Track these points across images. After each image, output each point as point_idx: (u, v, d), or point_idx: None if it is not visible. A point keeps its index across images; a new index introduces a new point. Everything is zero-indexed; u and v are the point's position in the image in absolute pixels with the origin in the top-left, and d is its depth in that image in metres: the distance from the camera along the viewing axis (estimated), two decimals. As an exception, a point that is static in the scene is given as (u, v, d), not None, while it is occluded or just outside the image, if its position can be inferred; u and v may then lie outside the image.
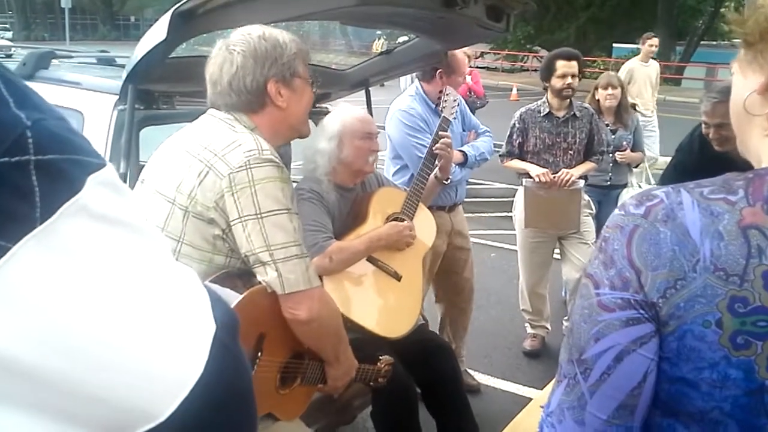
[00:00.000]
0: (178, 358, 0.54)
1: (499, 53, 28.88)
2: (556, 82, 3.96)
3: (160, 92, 2.43)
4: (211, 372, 0.55)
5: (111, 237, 0.51)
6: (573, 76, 3.95)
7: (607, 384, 0.86)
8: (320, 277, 2.00)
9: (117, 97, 2.32)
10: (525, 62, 29.72)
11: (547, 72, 4.02)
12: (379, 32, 17.46)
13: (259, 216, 1.66)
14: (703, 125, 3.24)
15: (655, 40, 8.11)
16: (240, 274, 1.75)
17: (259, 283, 1.71)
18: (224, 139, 1.73)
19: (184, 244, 1.73)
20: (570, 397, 0.89)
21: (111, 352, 0.50)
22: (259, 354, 1.77)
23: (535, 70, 28.38)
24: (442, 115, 2.99)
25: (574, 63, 3.98)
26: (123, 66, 3.20)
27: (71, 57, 3.13)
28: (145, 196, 1.81)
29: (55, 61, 2.76)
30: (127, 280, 0.52)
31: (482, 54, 26.52)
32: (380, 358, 2.35)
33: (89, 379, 0.49)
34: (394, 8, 2.16)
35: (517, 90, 19.00)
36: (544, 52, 28.72)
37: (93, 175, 0.51)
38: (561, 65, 3.96)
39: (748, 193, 0.83)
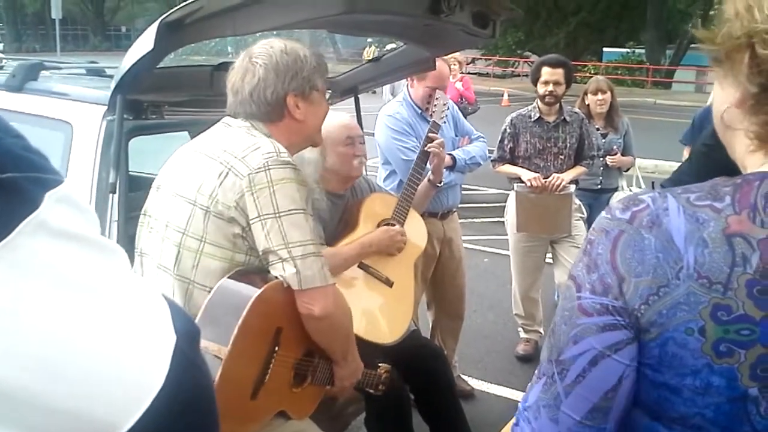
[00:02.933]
0: (138, 369, 0.55)
1: (490, 59, 28.98)
2: (540, 88, 4.03)
3: (148, 102, 2.43)
4: (173, 382, 0.56)
5: (70, 252, 0.52)
6: (556, 83, 3.98)
7: (582, 386, 0.87)
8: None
9: (106, 107, 2.32)
10: (516, 68, 29.86)
11: (534, 77, 4.09)
12: (370, 40, 17.51)
13: (277, 215, 1.72)
14: None
15: None
16: (257, 271, 1.80)
17: (276, 278, 1.76)
18: (243, 142, 1.80)
19: (206, 243, 1.78)
20: (546, 395, 0.90)
21: (71, 365, 0.50)
22: (276, 348, 1.81)
23: (526, 76, 28.53)
24: (432, 119, 3.01)
25: (560, 70, 4.02)
26: (112, 77, 3.21)
27: (60, 68, 3.12)
28: (164, 201, 1.87)
29: (44, 73, 2.76)
30: (87, 294, 0.52)
31: (473, 60, 26.56)
32: (380, 365, 2.36)
33: (49, 391, 0.49)
34: (381, 16, 2.17)
35: (509, 95, 19.08)
36: (535, 58, 28.80)
37: (51, 191, 0.51)
38: (545, 72, 4.02)
39: (735, 200, 0.83)
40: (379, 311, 2.64)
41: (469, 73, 18.39)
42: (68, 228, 0.52)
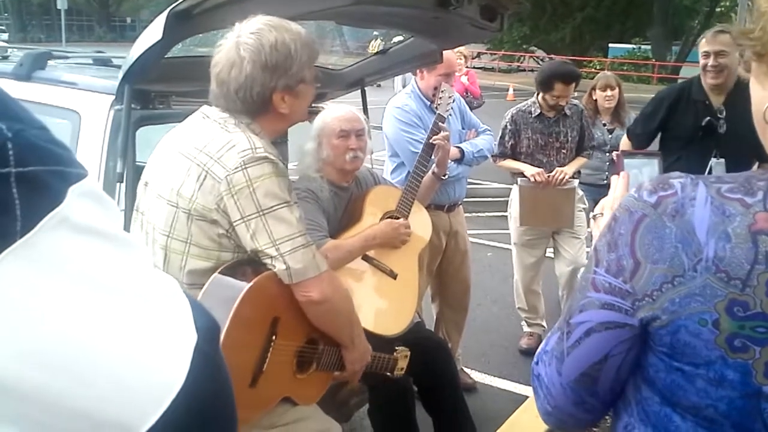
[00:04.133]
0: (159, 369, 0.54)
1: (495, 53, 28.92)
2: (550, 99, 3.96)
3: (156, 92, 2.44)
4: (193, 381, 0.55)
5: (92, 249, 0.51)
6: (566, 96, 3.95)
7: (577, 351, 0.93)
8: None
9: (113, 97, 2.33)
10: (521, 62, 29.78)
11: (544, 87, 3.96)
12: (376, 32, 17.45)
13: (261, 213, 1.71)
14: (701, 57, 3.35)
15: None
16: (249, 262, 1.81)
17: (269, 269, 1.76)
18: (218, 140, 1.76)
19: (191, 245, 1.78)
20: (558, 348, 0.96)
21: (92, 365, 0.49)
22: (274, 338, 1.82)
23: (532, 71, 28.41)
24: (438, 112, 3.01)
25: (572, 86, 3.95)
26: (119, 66, 3.21)
27: (68, 57, 3.13)
28: (150, 201, 1.87)
29: (51, 62, 2.77)
30: (108, 292, 0.51)
31: (479, 54, 26.51)
32: (396, 348, 2.38)
33: (69, 392, 0.48)
34: (389, 8, 2.17)
35: (514, 90, 19.01)
36: (540, 53, 28.81)
37: (74, 186, 0.50)
38: (559, 88, 3.90)
39: (767, 197, 0.82)
40: (383, 303, 2.65)
41: (474, 68, 18.36)
42: (91, 224, 0.51)
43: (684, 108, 3.56)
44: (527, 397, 3.82)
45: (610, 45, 27.46)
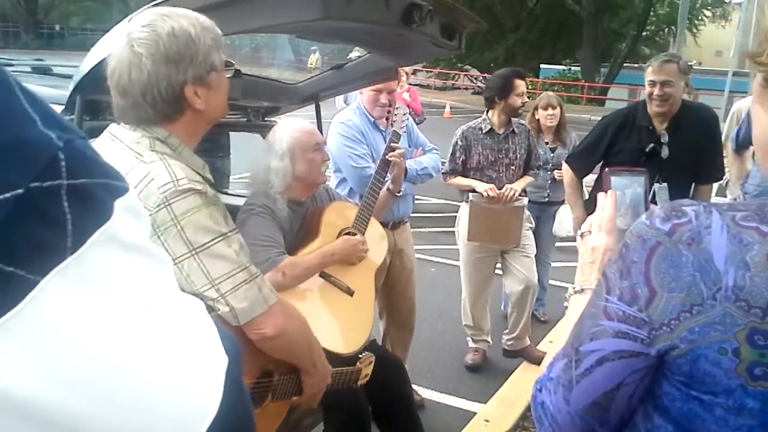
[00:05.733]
0: (198, 394, 0.52)
1: (431, 71, 29.31)
2: (515, 100, 4.06)
3: (108, 102, 2.34)
4: (226, 407, 0.53)
5: (137, 267, 0.48)
6: (524, 95, 4.09)
7: (587, 380, 0.91)
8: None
9: (62, 107, 2.23)
10: (456, 80, 30.31)
11: (504, 90, 4.06)
12: (314, 47, 17.42)
13: (193, 252, 1.55)
14: (647, 85, 3.46)
15: None
16: None
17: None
18: (134, 174, 1.57)
19: None
20: (565, 375, 0.94)
21: (135, 391, 0.47)
22: None
23: (466, 89, 28.98)
24: (392, 129, 3.01)
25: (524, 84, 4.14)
26: (60, 75, 3.09)
27: (12, 65, 2.99)
28: None
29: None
30: (151, 314, 0.49)
31: (414, 72, 26.79)
32: (360, 356, 2.34)
33: (111, 420, 0.46)
34: (355, 24, 2.16)
35: (450, 107, 19.33)
36: (474, 71, 29.38)
37: (119, 200, 0.47)
38: (519, 84, 4.07)
39: None
40: (340, 321, 2.61)
41: (411, 85, 18.52)
42: (135, 240, 0.48)
43: (628, 133, 3.66)
44: (474, 413, 3.85)
45: (542, 66, 28.21)
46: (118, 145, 1.63)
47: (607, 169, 1.26)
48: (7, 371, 0.41)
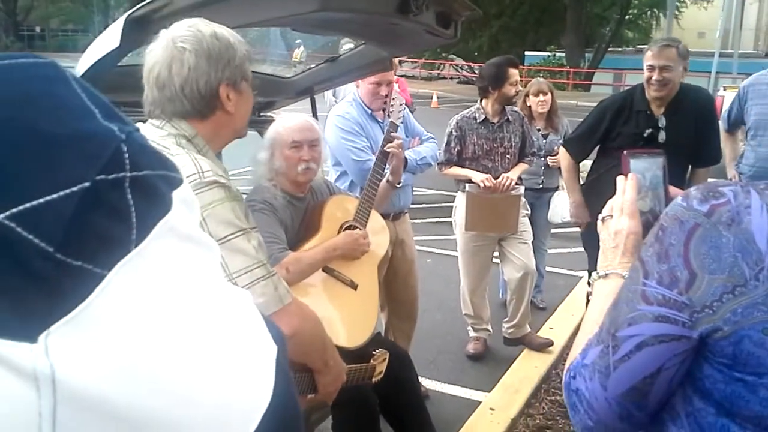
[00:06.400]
0: (252, 385, 0.51)
1: (416, 62, 29.26)
2: (509, 89, 4.05)
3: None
4: (277, 398, 0.53)
5: (193, 257, 0.48)
6: (517, 84, 4.07)
7: (626, 366, 0.90)
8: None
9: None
10: (441, 70, 30.26)
11: (498, 80, 4.04)
12: (298, 41, 17.35)
13: None
14: (646, 69, 3.46)
15: None
16: None
17: None
18: None
19: None
20: (602, 362, 0.93)
21: (197, 385, 0.46)
22: None
23: (452, 78, 28.97)
24: (390, 119, 2.99)
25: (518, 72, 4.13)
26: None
27: None
28: None
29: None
30: (209, 306, 0.48)
31: (400, 62, 26.75)
32: (374, 352, 2.32)
33: (174, 416, 0.45)
34: (350, 14, 2.13)
35: (437, 97, 19.30)
36: (459, 60, 29.38)
37: (176, 191, 0.47)
38: (513, 72, 4.05)
39: None
40: (345, 315, 2.60)
41: (398, 76, 18.48)
42: (191, 232, 0.48)
43: (626, 117, 3.66)
44: (479, 402, 3.86)
45: (526, 53, 28.21)
46: None
47: (625, 152, 1.24)
48: (80, 368, 0.40)
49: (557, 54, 28.14)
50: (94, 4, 44.03)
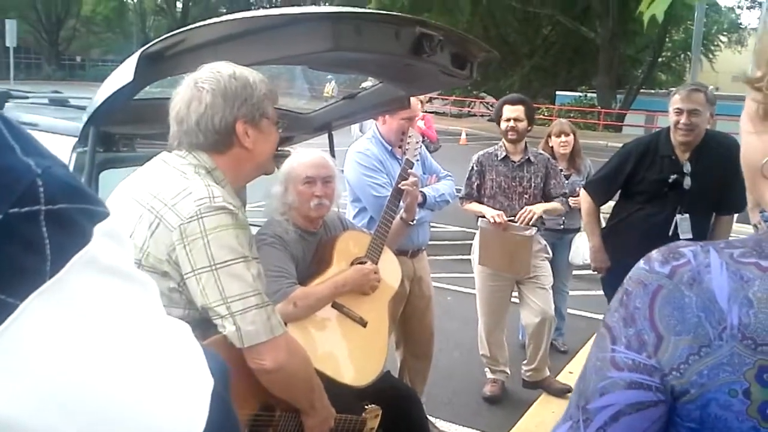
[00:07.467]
0: (182, 416, 0.52)
1: (446, 99, 29.43)
2: (502, 125, 4.13)
3: (120, 135, 2.36)
4: (212, 425, 0.54)
5: (116, 290, 0.49)
6: (517, 119, 4.07)
7: None
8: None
9: (76, 139, 2.25)
10: (472, 107, 30.40)
11: (496, 116, 4.21)
12: (330, 76, 17.56)
13: (213, 267, 1.60)
14: (673, 113, 3.41)
15: None
16: (197, 324, 1.68)
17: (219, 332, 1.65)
18: (174, 187, 1.67)
19: None
20: None
21: (118, 413, 0.47)
22: None
23: (482, 116, 29.06)
24: (405, 156, 3.00)
25: (520, 107, 4.13)
26: (77, 107, 3.12)
27: (27, 98, 3.03)
28: None
29: (9, 103, 2.67)
30: (133, 337, 0.49)
31: (430, 99, 26.92)
32: (366, 407, 2.29)
33: None
34: (363, 54, 2.16)
35: (466, 135, 19.35)
36: (490, 98, 29.48)
37: (99, 224, 0.48)
38: (507, 109, 4.13)
39: None
40: (353, 352, 2.58)
41: (426, 112, 18.62)
42: (114, 264, 0.49)
43: (650, 162, 3.61)
44: (492, 445, 3.79)
45: (557, 92, 28.23)
46: (166, 167, 1.75)
47: None
48: None
49: (588, 94, 28.10)
50: (134, 35, 45.25)
